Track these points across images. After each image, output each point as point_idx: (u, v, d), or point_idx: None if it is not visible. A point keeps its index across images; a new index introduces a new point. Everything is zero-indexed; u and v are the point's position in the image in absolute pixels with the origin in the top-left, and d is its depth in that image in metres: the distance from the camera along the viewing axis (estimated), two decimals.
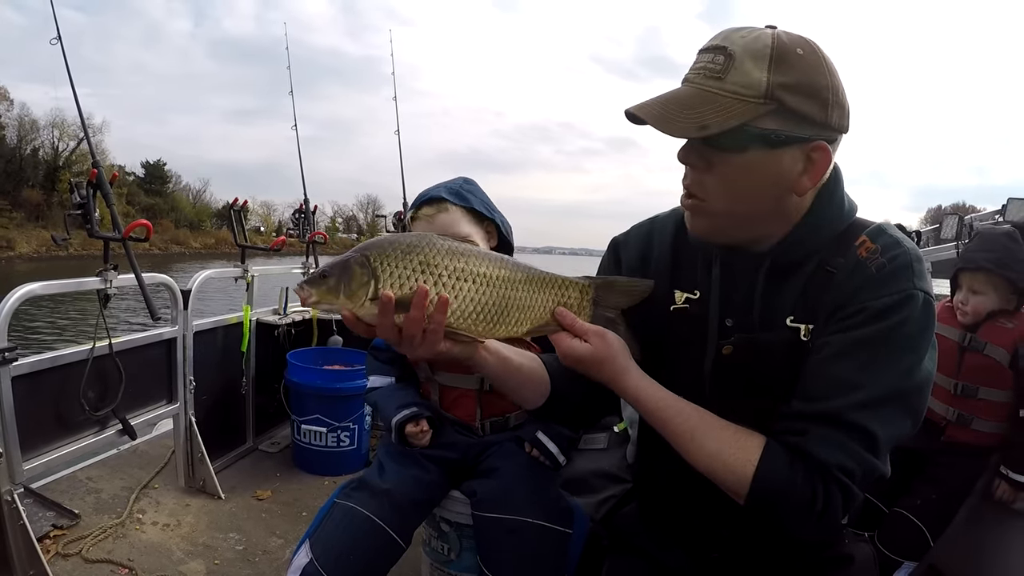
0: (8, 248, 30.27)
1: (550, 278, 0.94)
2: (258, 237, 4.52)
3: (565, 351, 0.93)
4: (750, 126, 0.81)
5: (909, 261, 0.86)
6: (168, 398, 2.56)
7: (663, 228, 1.09)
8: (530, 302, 0.92)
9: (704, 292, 0.99)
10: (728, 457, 0.85)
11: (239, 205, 3.11)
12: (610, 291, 0.98)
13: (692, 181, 0.90)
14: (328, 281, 0.83)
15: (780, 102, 0.81)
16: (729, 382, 0.95)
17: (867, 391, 0.81)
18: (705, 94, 0.82)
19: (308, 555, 1.30)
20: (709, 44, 0.85)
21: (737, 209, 0.88)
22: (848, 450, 0.80)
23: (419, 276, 0.84)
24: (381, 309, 0.82)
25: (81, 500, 2.40)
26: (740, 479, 0.84)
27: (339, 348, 3.31)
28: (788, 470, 0.81)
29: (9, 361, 1.83)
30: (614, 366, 0.92)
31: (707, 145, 0.84)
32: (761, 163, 0.84)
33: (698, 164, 0.87)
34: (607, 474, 1.58)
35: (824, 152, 0.85)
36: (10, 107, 36.57)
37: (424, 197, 1.56)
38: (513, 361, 0.99)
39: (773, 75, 0.80)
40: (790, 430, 0.84)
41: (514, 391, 1.04)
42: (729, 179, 0.86)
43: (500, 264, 0.90)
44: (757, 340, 0.93)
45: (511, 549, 1.35)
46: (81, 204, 2.10)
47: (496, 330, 0.90)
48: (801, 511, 0.81)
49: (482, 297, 0.87)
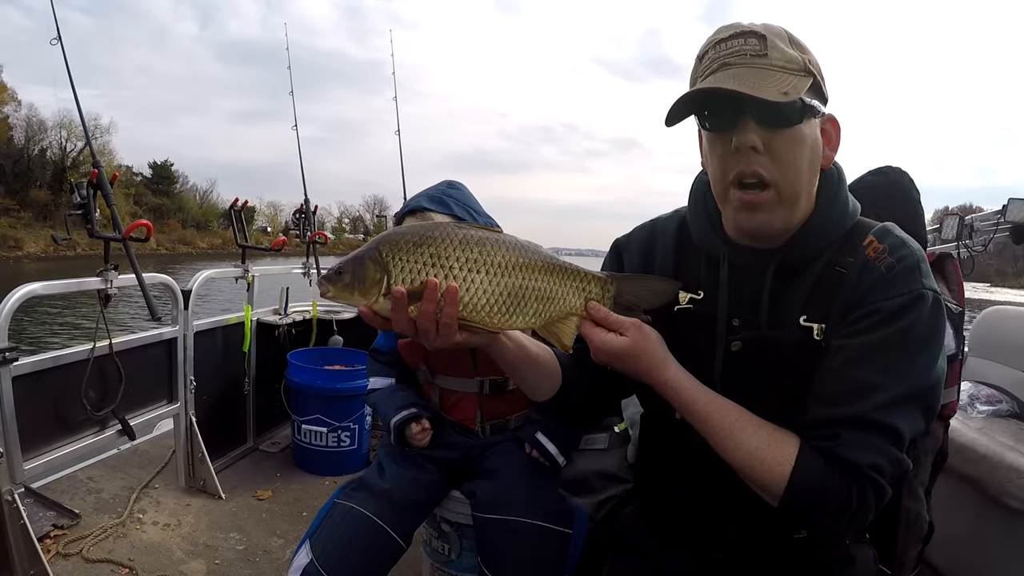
0: (16, 248, 30.51)
1: (571, 270, 0.92)
2: (265, 237, 4.53)
3: (600, 345, 0.91)
4: (803, 97, 0.84)
5: (917, 261, 0.88)
6: (169, 398, 2.56)
7: (665, 229, 1.09)
8: (549, 292, 0.89)
9: (709, 292, 0.99)
10: (767, 455, 0.85)
11: (240, 205, 3.11)
12: (633, 288, 0.96)
13: (759, 164, 0.86)
14: (344, 278, 0.84)
15: (814, 76, 0.86)
16: (740, 380, 0.95)
17: (888, 392, 0.82)
18: (760, 71, 0.84)
19: (308, 555, 1.30)
20: (728, 33, 0.87)
21: (798, 187, 0.89)
22: (878, 448, 0.82)
23: (430, 269, 0.83)
24: (393, 305, 0.82)
25: (82, 500, 2.40)
26: (777, 478, 0.84)
27: (339, 348, 3.31)
28: (824, 471, 0.83)
29: (10, 361, 1.83)
30: (653, 359, 0.91)
31: (765, 126, 0.85)
32: (809, 134, 0.88)
33: (759, 145, 0.85)
34: (608, 474, 1.57)
35: (835, 123, 0.92)
36: (18, 108, 36.88)
37: (406, 208, 1.56)
38: (531, 350, 0.98)
39: (800, 52, 0.86)
40: (821, 436, 0.85)
41: (527, 382, 1.03)
42: (790, 155, 0.86)
43: (519, 252, 0.88)
44: (766, 337, 0.93)
45: (511, 549, 1.34)
46: (82, 204, 2.10)
47: (512, 321, 0.88)
48: (837, 512, 0.83)
49: (496, 287, 0.85)
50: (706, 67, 0.88)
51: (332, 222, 58.78)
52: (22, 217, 32.86)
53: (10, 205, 32.57)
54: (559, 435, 1.50)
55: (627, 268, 1.11)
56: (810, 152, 0.88)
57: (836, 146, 0.92)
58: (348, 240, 45.49)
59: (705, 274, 1.01)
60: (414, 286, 0.83)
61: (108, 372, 2.24)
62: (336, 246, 46.38)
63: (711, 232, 1.00)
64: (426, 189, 1.60)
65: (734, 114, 0.85)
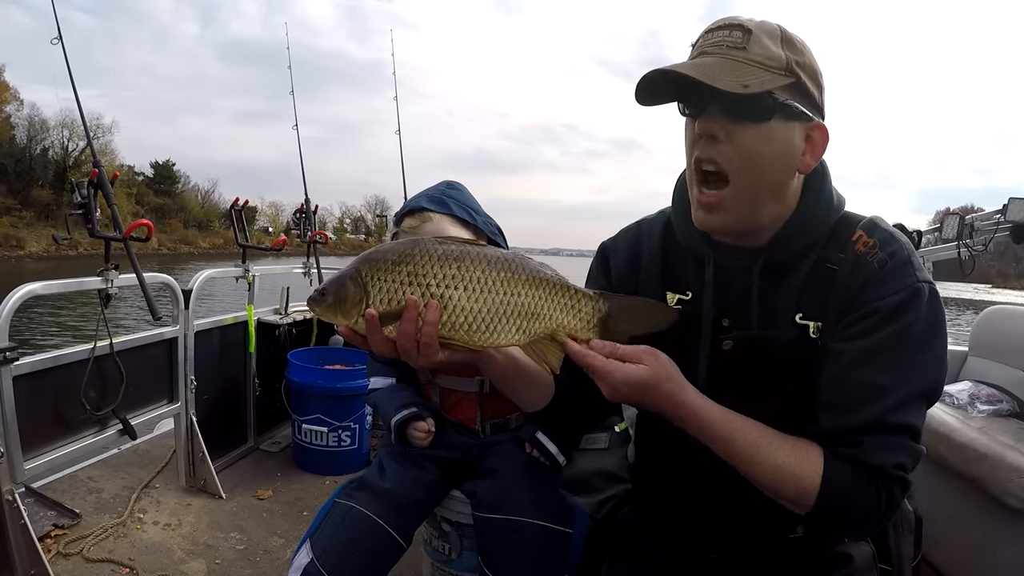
0: (18, 247, 30.55)
1: (559, 285, 0.87)
2: (267, 237, 4.53)
3: (623, 378, 0.85)
4: (776, 94, 0.84)
5: (908, 255, 0.89)
6: (169, 398, 2.56)
7: (651, 231, 1.08)
8: (533, 309, 0.85)
9: (697, 292, 0.99)
10: (795, 468, 0.85)
11: (240, 205, 3.11)
12: (626, 310, 0.90)
13: (715, 153, 0.87)
14: (327, 299, 0.84)
15: (797, 77, 0.85)
16: (729, 382, 0.94)
17: (897, 393, 0.84)
18: (732, 62, 0.85)
19: (309, 555, 1.29)
20: (719, 24, 0.88)
21: (758, 183, 0.88)
22: (900, 447, 0.84)
23: (407, 288, 0.82)
24: (368, 327, 0.82)
25: (82, 500, 2.40)
26: (808, 490, 0.84)
27: (340, 348, 3.31)
28: (851, 478, 0.83)
29: (10, 361, 1.83)
30: (672, 384, 0.87)
31: (730, 117, 0.85)
32: (780, 133, 0.86)
33: (720, 135, 0.86)
34: (608, 474, 1.57)
35: (823, 132, 0.90)
36: (20, 107, 36.95)
37: (405, 209, 1.56)
38: (520, 362, 0.96)
39: (788, 52, 0.85)
40: (844, 443, 0.85)
41: (518, 393, 1.03)
42: (753, 150, 0.86)
43: (500, 267, 0.84)
44: (759, 337, 0.92)
45: (511, 549, 1.34)
46: (82, 204, 2.10)
47: (494, 338, 0.85)
48: (867, 515, 0.84)
49: (475, 304, 0.83)
50: (691, 54, 0.90)
51: (334, 222, 58.85)
52: (24, 217, 32.92)
53: (12, 205, 32.65)
54: (559, 435, 1.49)
55: (614, 272, 1.10)
56: (780, 153, 0.87)
57: (819, 155, 0.91)
58: (350, 240, 45.55)
59: (692, 274, 1.00)
60: (392, 306, 0.82)
61: (109, 372, 2.24)
62: (337, 246, 46.36)
63: (695, 231, 0.98)
64: (426, 189, 1.60)
65: (703, 102, 0.87)
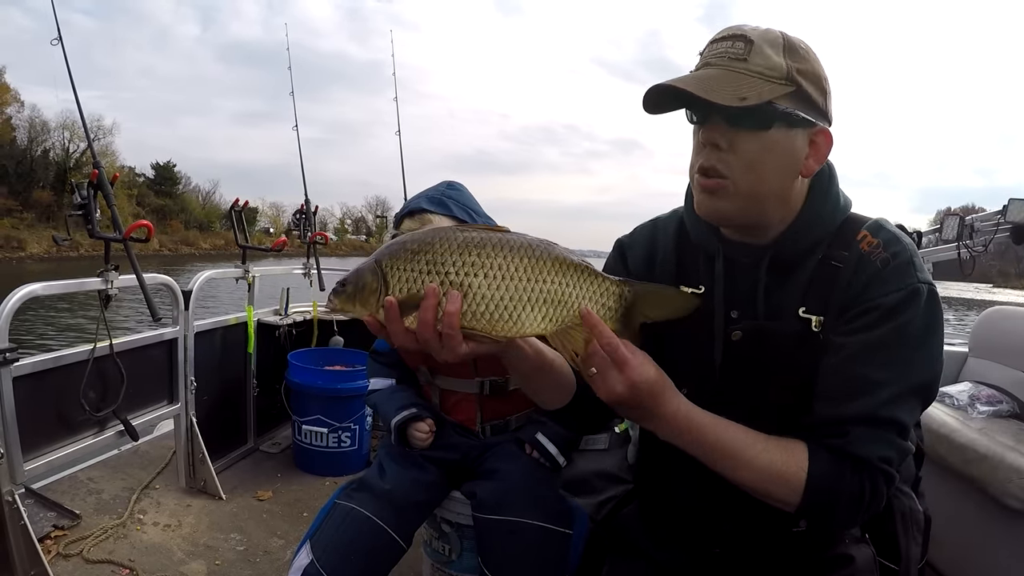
0: (19, 248, 30.57)
1: (586, 271, 0.83)
2: (268, 238, 4.54)
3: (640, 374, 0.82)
4: (776, 104, 0.86)
5: (910, 256, 0.91)
6: (169, 399, 2.56)
7: (666, 228, 1.12)
8: (560, 295, 0.82)
9: (709, 287, 1.01)
10: (781, 467, 0.86)
11: (240, 206, 3.11)
12: (651, 298, 0.87)
13: (717, 160, 0.90)
14: (346, 289, 0.84)
15: (798, 85, 0.87)
16: (740, 371, 0.96)
17: (891, 388, 0.86)
18: (733, 74, 0.87)
19: (309, 555, 1.30)
20: (723, 34, 0.90)
21: (759, 188, 0.90)
22: (886, 441, 0.86)
23: (426, 276, 0.80)
24: (387, 316, 0.80)
25: (82, 500, 2.40)
26: (794, 487, 0.85)
27: (340, 349, 3.31)
28: (836, 470, 0.85)
29: (10, 361, 1.83)
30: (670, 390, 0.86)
31: (732, 126, 0.88)
32: (781, 142, 0.88)
33: (722, 143, 0.89)
34: (608, 475, 1.57)
35: (827, 137, 0.92)
36: (21, 108, 37.00)
37: (405, 210, 1.56)
38: (547, 356, 0.93)
39: (789, 60, 0.87)
40: (831, 433, 0.87)
41: (541, 392, 1.01)
42: (754, 157, 0.88)
43: (523, 252, 0.81)
44: (764, 328, 0.95)
45: (512, 550, 1.34)
46: (82, 205, 2.11)
47: (519, 327, 0.81)
48: (852, 507, 0.86)
49: (496, 292, 0.80)
50: (697, 64, 0.92)
51: (335, 223, 58.88)
52: (25, 218, 32.95)
53: (13, 206, 32.68)
54: (559, 436, 1.49)
55: (632, 267, 1.12)
56: (782, 159, 0.89)
57: (823, 159, 0.93)
58: (350, 241, 45.55)
59: (704, 269, 1.03)
60: (412, 295, 0.80)
61: (109, 373, 2.24)
62: (338, 247, 46.39)
63: (706, 228, 1.02)
64: (425, 190, 1.60)
65: (707, 111, 0.89)
